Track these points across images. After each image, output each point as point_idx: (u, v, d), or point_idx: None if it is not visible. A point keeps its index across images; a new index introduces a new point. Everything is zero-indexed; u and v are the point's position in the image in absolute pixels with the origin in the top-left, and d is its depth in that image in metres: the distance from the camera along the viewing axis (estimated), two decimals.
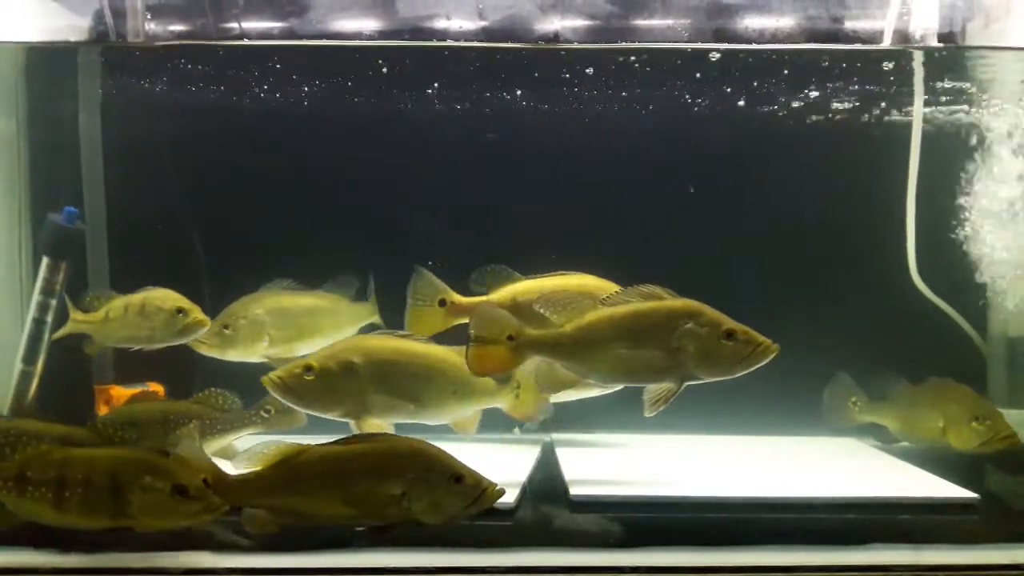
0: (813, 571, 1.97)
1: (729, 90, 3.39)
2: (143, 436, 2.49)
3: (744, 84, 3.36)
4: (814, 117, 3.49)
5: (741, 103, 3.42)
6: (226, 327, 2.79)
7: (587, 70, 3.26)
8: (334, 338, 2.79)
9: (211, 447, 2.57)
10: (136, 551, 2.03)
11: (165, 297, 2.69)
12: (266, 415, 2.69)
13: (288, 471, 1.98)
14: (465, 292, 2.66)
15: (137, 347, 2.74)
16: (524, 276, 2.63)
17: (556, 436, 3.32)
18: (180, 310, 2.67)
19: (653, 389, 2.24)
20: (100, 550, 2.02)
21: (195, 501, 1.94)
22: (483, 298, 2.60)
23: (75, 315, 2.83)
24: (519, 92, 3.39)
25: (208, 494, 1.96)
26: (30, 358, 3.14)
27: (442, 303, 2.62)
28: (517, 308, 2.51)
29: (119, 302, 2.76)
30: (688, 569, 1.98)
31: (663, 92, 3.40)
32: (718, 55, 3.06)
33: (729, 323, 2.20)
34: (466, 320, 2.57)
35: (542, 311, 2.26)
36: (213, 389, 2.67)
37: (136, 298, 2.72)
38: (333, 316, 2.90)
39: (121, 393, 2.99)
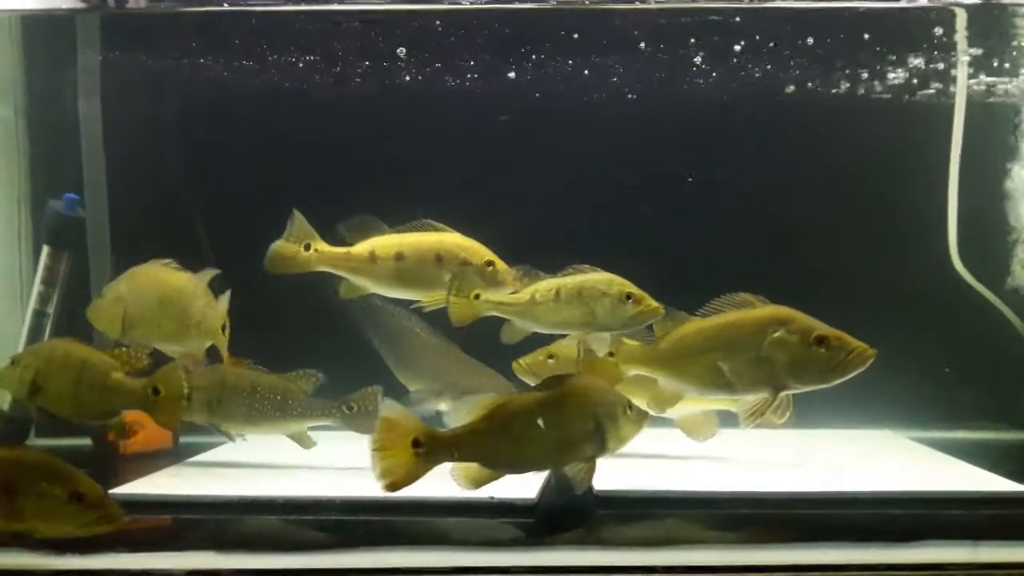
0: (862, 569, 1.89)
1: (755, 63, 3.31)
2: (225, 402, 2.57)
3: (772, 55, 3.28)
4: (844, 91, 3.39)
5: (767, 76, 3.33)
6: None
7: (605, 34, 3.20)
8: None
9: (286, 429, 2.60)
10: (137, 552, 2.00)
11: (610, 281, 2.50)
12: (348, 411, 2.64)
13: (499, 421, 2.00)
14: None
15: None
16: (391, 228, 2.64)
17: None
18: (629, 296, 2.48)
19: (749, 400, 2.24)
20: (99, 551, 1.98)
21: (92, 510, 1.90)
22: (345, 249, 2.63)
23: (489, 295, 2.54)
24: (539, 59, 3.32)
25: (107, 503, 1.92)
26: None
27: (307, 247, 2.65)
28: (375, 260, 2.57)
29: (548, 284, 2.54)
30: (725, 568, 1.90)
31: (680, 59, 3.31)
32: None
33: (821, 329, 2.16)
34: (329, 268, 2.62)
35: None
36: (307, 370, 2.64)
37: (571, 281, 2.52)
38: None
39: None
